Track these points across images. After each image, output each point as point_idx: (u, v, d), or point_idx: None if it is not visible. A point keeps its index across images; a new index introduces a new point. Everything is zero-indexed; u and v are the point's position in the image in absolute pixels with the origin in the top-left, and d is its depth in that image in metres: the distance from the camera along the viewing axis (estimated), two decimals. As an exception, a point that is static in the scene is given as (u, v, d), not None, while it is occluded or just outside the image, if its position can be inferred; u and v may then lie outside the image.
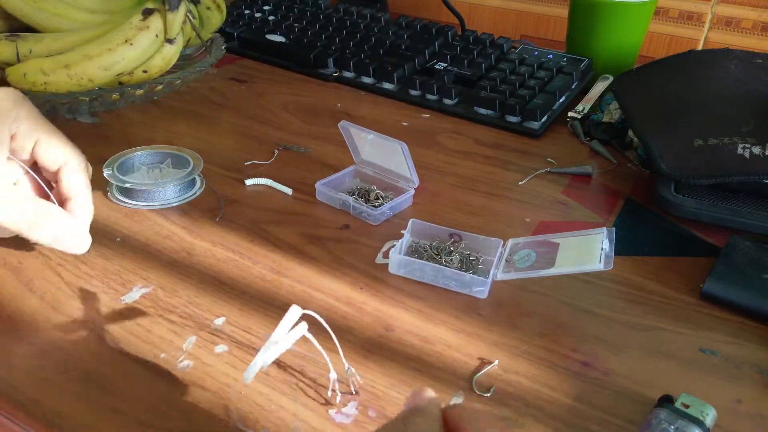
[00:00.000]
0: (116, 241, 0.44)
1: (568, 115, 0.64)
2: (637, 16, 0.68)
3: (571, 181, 0.54)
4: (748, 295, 0.40)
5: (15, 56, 0.57)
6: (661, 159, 0.49)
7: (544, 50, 0.74)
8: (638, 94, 0.58)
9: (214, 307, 0.38)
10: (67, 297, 0.39)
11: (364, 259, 0.43)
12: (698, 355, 0.37)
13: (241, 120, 0.63)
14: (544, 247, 0.42)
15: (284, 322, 0.31)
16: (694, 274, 0.43)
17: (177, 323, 0.37)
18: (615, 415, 0.33)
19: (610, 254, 0.38)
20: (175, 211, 0.48)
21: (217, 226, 0.46)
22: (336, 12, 0.84)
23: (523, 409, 0.33)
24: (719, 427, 0.32)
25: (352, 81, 0.71)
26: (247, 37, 0.78)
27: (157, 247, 0.43)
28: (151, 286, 0.40)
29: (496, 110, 0.63)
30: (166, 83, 0.60)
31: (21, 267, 0.41)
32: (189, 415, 0.32)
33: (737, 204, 0.47)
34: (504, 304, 0.40)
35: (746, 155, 0.47)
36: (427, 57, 0.72)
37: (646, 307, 0.40)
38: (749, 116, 0.50)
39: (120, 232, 0.45)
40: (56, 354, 0.35)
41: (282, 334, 0.31)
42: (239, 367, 0.35)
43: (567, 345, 0.37)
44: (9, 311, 0.37)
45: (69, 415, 0.31)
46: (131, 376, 0.34)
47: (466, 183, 0.54)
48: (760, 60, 0.58)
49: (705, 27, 0.81)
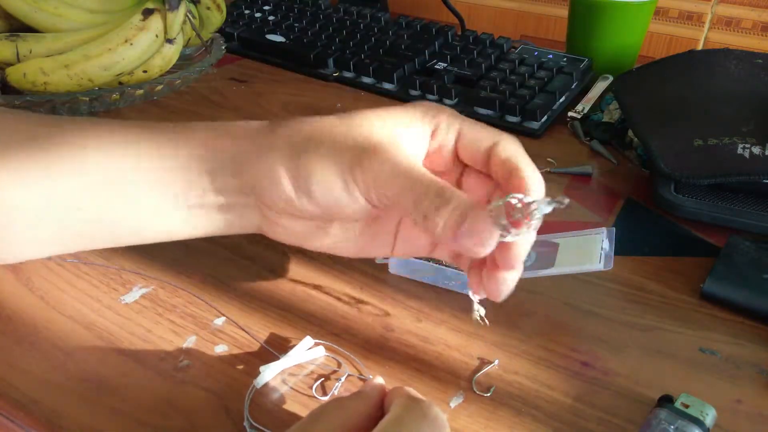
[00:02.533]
0: (116, 241, 0.44)
1: (568, 115, 0.64)
2: (637, 16, 0.68)
3: (571, 181, 0.54)
4: (748, 295, 0.40)
5: (15, 56, 0.57)
6: (661, 159, 0.49)
7: (544, 50, 0.74)
8: (638, 94, 0.58)
9: (214, 307, 0.38)
10: (67, 297, 0.39)
11: (364, 258, 0.43)
12: (698, 355, 0.37)
13: (241, 120, 0.62)
14: (544, 247, 0.42)
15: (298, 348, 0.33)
16: (694, 274, 0.43)
17: (177, 323, 0.37)
18: (615, 415, 0.33)
19: (610, 254, 0.38)
20: (175, 211, 0.48)
21: (217, 226, 0.46)
22: (336, 12, 0.84)
23: (523, 409, 0.33)
24: (719, 426, 0.32)
25: (352, 81, 0.71)
26: (247, 37, 0.78)
27: (157, 247, 0.43)
28: (151, 286, 0.40)
29: (496, 110, 0.63)
30: (166, 83, 0.60)
31: (21, 267, 0.41)
32: (189, 415, 0.32)
33: (737, 204, 0.47)
34: (504, 304, 0.40)
35: (746, 155, 0.47)
36: (427, 57, 0.72)
37: (646, 307, 0.40)
38: (749, 116, 0.50)
39: (120, 232, 0.45)
40: (56, 354, 0.35)
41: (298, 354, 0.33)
42: (239, 366, 0.35)
43: (567, 345, 0.37)
44: (9, 311, 0.37)
45: (69, 415, 0.31)
46: (131, 376, 0.34)
47: (466, 183, 0.53)
48: (760, 60, 0.58)
49: (705, 27, 0.81)
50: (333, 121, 0.31)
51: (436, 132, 0.32)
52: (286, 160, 0.30)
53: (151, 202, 0.32)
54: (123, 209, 0.32)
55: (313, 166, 0.30)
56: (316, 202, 0.30)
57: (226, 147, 0.32)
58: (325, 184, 0.30)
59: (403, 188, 0.28)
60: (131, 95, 0.60)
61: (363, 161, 0.29)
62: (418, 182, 0.28)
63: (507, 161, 0.30)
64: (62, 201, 0.32)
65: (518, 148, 0.31)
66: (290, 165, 0.30)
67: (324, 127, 0.31)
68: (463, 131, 0.32)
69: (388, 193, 0.29)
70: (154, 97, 0.64)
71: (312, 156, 0.30)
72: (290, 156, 0.30)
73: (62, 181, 0.31)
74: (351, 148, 0.29)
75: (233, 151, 0.32)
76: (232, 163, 0.32)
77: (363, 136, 0.30)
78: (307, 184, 0.30)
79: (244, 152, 0.32)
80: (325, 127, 0.31)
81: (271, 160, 0.31)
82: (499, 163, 0.31)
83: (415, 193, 0.28)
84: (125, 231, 0.34)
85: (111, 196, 0.32)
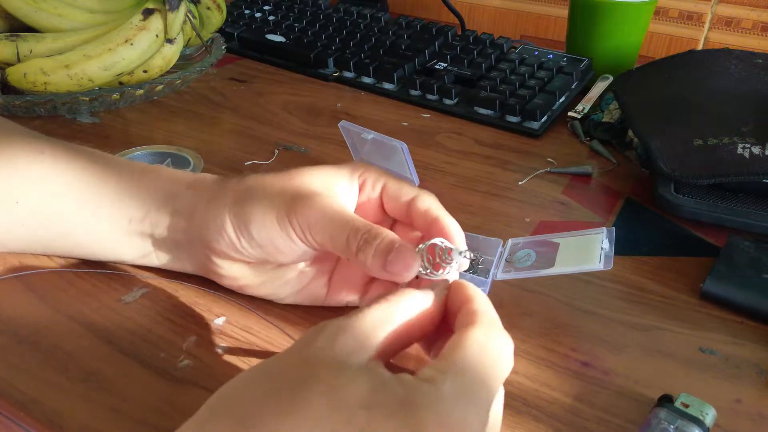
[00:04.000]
0: (116, 241, 0.44)
1: (568, 115, 0.64)
2: (637, 16, 0.68)
3: (571, 181, 0.54)
4: (748, 295, 0.40)
5: (15, 56, 0.57)
6: (661, 159, 0.49)
7: (544, 50, 0.74)
8: (638, 94, 0.58)
9: (214, 307, 0.38)
10: (68, 297, 0.39)
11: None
12: (698, 354, 0.37)
13: (241, 120, 0.63)
14: (544, 247, 0.42)
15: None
16: (694, 274, 0.43)
17: (177, 323, 0.37)
18: (615, 414, 0.33)
19: (610, 254, 0.38)
20: (175, 211, 0.48)
21: (217, 226, 0.46)
22: (336, 12, 0.84)
23: (523, 409, 0.33)
24: (719, 426, 0.32)
25: (352, 81, 0.71)
26: (247, 37, 0.78)
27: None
28: (151, 286, 0.40)
29: (496, 110, 0.63)
30: (166, 83, 0.60)
31: (21, 267, 0.41)
32: (189, 415, 0.32)
33: (737, 204, 0.47)
34: (504, 304, 0.40)
35: (746, 155, 0.47)
36: (427, 57, 0.72)
37: (646, 307, 0.40)
38: (749, 116, 0.50)
39: (120, 232, 0.45)
40: (56, 354, 0.35)
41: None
42: (239, 366, 0.35)
43: (567, 345, 0.37)
44: (9, 311, 0.37)
45: (69, 415, 0.31)
46: (131, 376, 0.34)
47: (466, 183, 0.54)
48: (760, 60, 0.58)
49: (705, 27, 0.81)
50: (273, 175, 0.36)
51: (363, 186, 0.36)
52: (230, 207, 0.35)
53: (108, 219, 0.37)
54: (77, 220, 0.38)
55: (253, 212, 0.34)
56: (257, 243, 0.34)
57: (181, 193, 0.37)
58: (263, 227, 0.33)
59: (335, 228, 0.32)
60: (131, 95, 0.60)
61: (297, 206, 0.33)
62: (350, 222, 0.32)
63: (427, 212, 0.34)
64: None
65: (435, 201, 0.35)
66: (233, 212, 0.34)
67: (265, 180, 0.35)
68: (387, 186, 0.36)
69: (322, 233, 0.32)
70: (154, 97, 0.64)
71: (253, 203, 0.34)
72: (233, 204, 0.35)
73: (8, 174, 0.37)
74: (287, 195, 0.34)
75: (188, 198, 0.37)
76: (184, 209, 0.37)
77: (297, 186, 0.34)
78: (247, 227, 0.34)
79: (196, 202, 0.37)
80: (267, 180, 0.35)
81: (218, 209, 0.35)
82: (420, 214, 0.34)
83: (347, 231, 0.32)
84: (71, 243, 0.39)
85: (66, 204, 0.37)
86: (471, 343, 0.25)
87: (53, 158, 0.38)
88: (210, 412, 0.24)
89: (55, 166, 0.37)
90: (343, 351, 0.24)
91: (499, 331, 0.27)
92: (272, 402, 0.22)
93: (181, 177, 0.39)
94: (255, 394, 0.23)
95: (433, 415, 0.22)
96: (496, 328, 0.27)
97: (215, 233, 0.35)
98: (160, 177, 0.38)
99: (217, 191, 0.36)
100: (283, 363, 0.25)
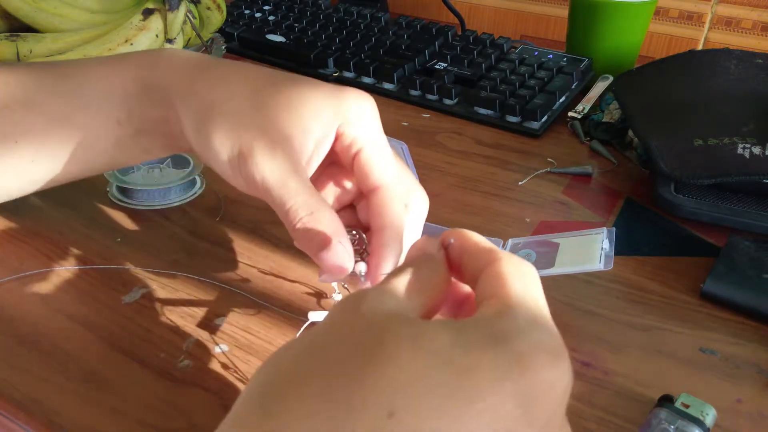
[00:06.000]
0: (116, 241, 0.44)
1: (568, 115, 0.64)
2: (637, 16, 0.68)
3: (571, 181, 0.54)
4: (748, 295, 0.40)
5: (15, 56, 0.57)
6: (661, 159, 0.49)
7: (544, 50, 0.74)
8: (638, 94, 0.58)
9: (214, 307, 0.38)
10: (68, 297, 0.39)
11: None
12: (698, 355, 0.37)
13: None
14: (544, 247, 0.42)
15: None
16: (694, 274, 0.43)
17: (177, 323, 0.37)
18: (615, 414, 0.33)
19: (610, 254, 0.38)
20: (176, 211, 0.48)
21: (217, 226, 0.46)
22: (336, 12, 0.84)
23: (523, 409, 0.33)
24: (719, 426, 0.32)
25: (352, 81, 0.71)
26: (247, 37, 0.78)
27: (158, 247, 0.43)
28: (151, 286, 0.40)
29: (496, 110, 0.63)
30: (166, 83, 0.60)
31: (21, 267, 0.41)
32: (189, 415, 0.32)
33: (737, 204, 0.47)
34: (504, 304, 0.40)
35: (746, 155, 0.47)
36: (427, 57, 0.72)
37: (646, 307, 0.40)
38: (749, 116, 0.50)
39: (120, 232, 0.45)
40: (56, 354, 0.35)
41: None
42: (239, 366, 0.35)
43: (567, 345, 0.37)
44: (9, 311, 0.37)
45: (69, 415, 0.31)
46: (131, 376, 0.34)
47: (466, 183, 0.54)
48: (760, 60, 0.58)
49: (705, 27, 0.81)
50: (242, 86, 0.33)
51: (339, 138, 0.34)
52: (194, 119, 0.33)
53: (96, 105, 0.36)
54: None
55: (210, 139, 0.32)
56: (218, 168, 0.33)
57: (159, 79, 0.35)
58: (217, 162, 0.32)
59: (280, 196, 0.31)
60: (131, 95, 0.59)
61: (247, 159, 0.31)
62: (294, 196, 0.31)
63: (366, 167, 0.33)
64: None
65: (398, 204, 0.33)
66: (195, 126, 0.33)
67: (232, 99, 0.33)
68: (361, 155, 0.34)
69: (266, 194, 0.31)
70: (154, 97, 0.64)
71: (210, 128, 0.32)
72: (198, 115, 0.33)
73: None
74: (244, 136, 0.31)
75: (166, 81, 0.35)
76: (159, 97, 0.35)
77: (261, 122, 0.32)
78: (206, 153, 0.33)
79: (171, 90, 0.35)
80: (233, 103, 0.32)
81: (183, 113, 0.34)
82: (360, 166, 0.33)
83: (288, 204, 0.31)
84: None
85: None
86: (507, 274, 0.24)
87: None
88: (264, 398, 0.20)
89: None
90: (399, 308, 0.23)
91: (517, 257, 0.26)
92: (350, 365, 0.20)
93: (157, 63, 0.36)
94: (325, 362, 0.20)
95: (526, 342, 0.22)
96: (514, 256, 0.26)
97: (178, 134, 0.35)
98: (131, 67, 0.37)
99: (190, 86, 0.34)
100: (335, 331, 0.22)
